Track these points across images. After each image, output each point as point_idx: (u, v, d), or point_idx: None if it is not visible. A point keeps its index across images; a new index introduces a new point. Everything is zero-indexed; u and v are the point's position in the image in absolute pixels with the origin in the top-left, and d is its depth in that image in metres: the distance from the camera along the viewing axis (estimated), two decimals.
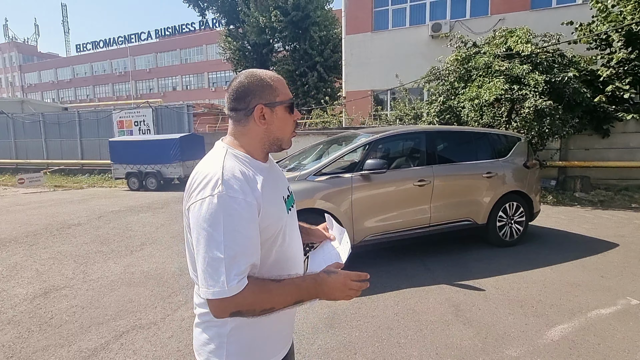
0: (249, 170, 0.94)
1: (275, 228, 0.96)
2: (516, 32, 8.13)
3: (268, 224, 0.93)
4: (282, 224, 0.98)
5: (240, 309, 0.85)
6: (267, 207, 0.92)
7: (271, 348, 1.02)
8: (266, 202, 0.92)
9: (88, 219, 6.50)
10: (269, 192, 0.95)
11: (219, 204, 0.84)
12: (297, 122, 1.05)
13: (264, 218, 0.91)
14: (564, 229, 5.32)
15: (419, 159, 4.25)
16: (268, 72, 1.00)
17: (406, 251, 4.36)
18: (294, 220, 1.10)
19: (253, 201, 0.88)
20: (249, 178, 0.91)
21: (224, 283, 0.82)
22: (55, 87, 49.46)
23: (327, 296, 0.92)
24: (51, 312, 3.05)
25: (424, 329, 2.68)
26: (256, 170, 0.96)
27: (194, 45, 41.21)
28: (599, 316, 2.80)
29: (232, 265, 0.83)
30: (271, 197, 0.96)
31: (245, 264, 0.85)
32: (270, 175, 1.01)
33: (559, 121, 7.05)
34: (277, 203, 0.98)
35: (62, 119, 15.30)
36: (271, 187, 0.98)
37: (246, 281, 0.84)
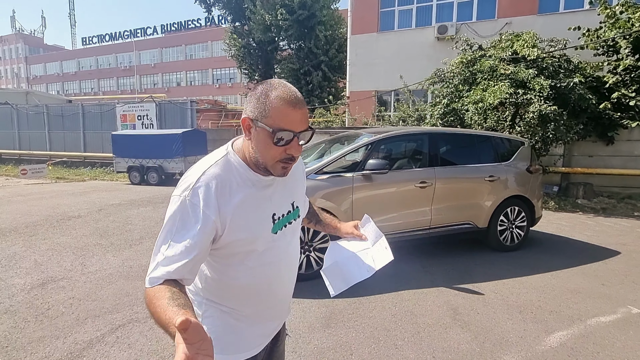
0: (233, 182, 0.91)
1: (246, 246, 0.94)
2: (522, 36, 8.09)
3: (233, 241, 0.92)
4: (258, 244, 0.96)
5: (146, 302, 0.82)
6: (235, 225, 0.90)
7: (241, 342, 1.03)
8: (235, 221, 0.90)
9: (88, 211, 6.50)
10: (244, 212, 0.92)
11: (180, 205, 0.87)
12: (290, 156, 0.91)
13: (229, 235, 0.90)
14: (566, 235, 5.28)
15: (421, 161, 4.23)
16: (285, 90, 0.88)
17: (406, 253, 4.34)
18: (287, 237, 1.05)
19: (211, 216, 0.87)
20: (225, 192, 0.89)
21: (150, 272, 0.85)
22: (60, 79, 49.64)
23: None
24: (48, 303, 3.04)
25: (421, 331, 2.66)
26: (244, 183, 0.93)
27: (199, 41, 41.29)
28: (599, 324, 2.77)
29: (161, 264, 0.84)
30: (246, 217, 0.92)
31: (173, 268, 0.83)
32: (263, 191, 0.97)
33: (563, 127, 7.01)
34: (255, 223, 0.94)
35: (65, 111, 15.34)
36: (254, 205, 0.94)
37: (157, 281, 0.82)
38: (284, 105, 0.87)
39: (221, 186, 0.89)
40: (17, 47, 52.58)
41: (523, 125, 7.15)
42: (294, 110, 0.87)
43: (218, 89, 39.73)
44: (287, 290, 1.12)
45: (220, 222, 0.88)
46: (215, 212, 0.86)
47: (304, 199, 1.18)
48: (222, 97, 35.03)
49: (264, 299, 1.04)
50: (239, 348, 1.02)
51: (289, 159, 0.91)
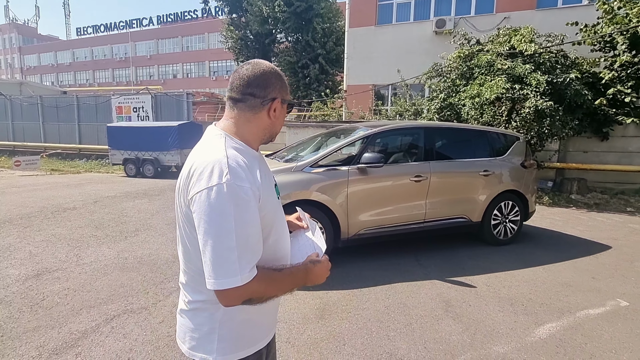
0: (247, 159, 0.93)
1: (271, 217, 0.97)
2: (520, 31, 8.08)
3: (265, 213, 0.93)
4: (275, 213, 1.00)
5: (251, 296, 0.87)
6: (265, 197, 0.93)
7: (259, 332, 1.04)
8: (264, 192, 0.93)
9: (83, 203, 6.48)
10: (265, 182, 0.95)
11: (228, 192, 0.83)
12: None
13: (262, 207, 0.91)
14: (558, 230, 5.34)
15: (417, 155, 4.24)
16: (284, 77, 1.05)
17: (400, 246, 4.38)
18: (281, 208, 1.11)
19: (257, 191, 0.89)
20: (250, 167, 0.91)
21: (236, 272, 0.82)
22: (54, 70, 48.99)
23: (312, 282, 1.01)
24: (43, 294, 3.05)
25: (413, 323, 2.70)
26: (252, 159, 0.96)
27: (195, 33, 40.82)
28: (588, 316, 2.82)
29: (244, 255, 0.83)
30: (267, 187, 0.96)
31: (255, 252, 0.87)
32: (263, 165, 1.02)
33: (558, 122, 7.04)
34: (271, 192, 1.00)
35: (60, 103, 15.17)
36: (266, 177, 0.99)
37: (256, 270, 0.86)
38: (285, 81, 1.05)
39: (244, 163, 0.90)
40: (10, 37, 51.71)
41: (519, 121, 7.17)
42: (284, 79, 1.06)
43: (215, 81, 39.38)
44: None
45: (259, 194, 0.90)
46: (255, 187, 0.89)
47: None
48: (218, 89, 34.73)
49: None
50: (257, 339, 1.03)
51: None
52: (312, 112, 14.03)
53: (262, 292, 0.89)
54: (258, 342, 1.03)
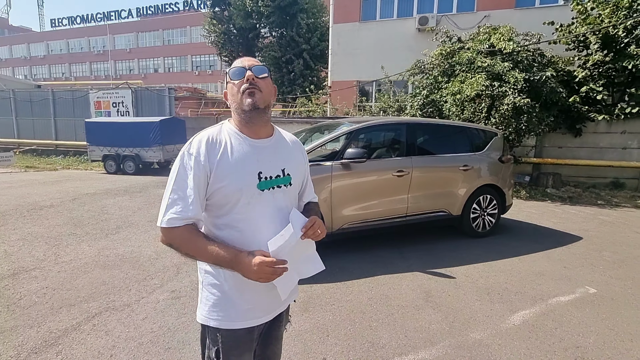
0: (224, 140, 1.10)
1: (232, 195, 1.08)
2: (499, 30, 8.28)
3: (220, 187, 1.07)
4: (243, 194, 1.09)
5: (170, 242, 1.07)
6: (221, 172, 1.06)
7: (236, 312, 1.12)
8: (221, 168, 1.06)
9: (61, 200, 6.30)
10: (230, 162, 1.08)
11: (180, 158, 1.08)
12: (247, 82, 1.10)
13: (216, 180, 1.06)
14: (534, 222, 5.55)
15: (399, 150, 4.33)
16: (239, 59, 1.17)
17: (383, 240, 4.47)
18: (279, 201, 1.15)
19: (203, 162, 1.05)
20: (214, 145, 1.08)
21: (161, 215, 1.05)
22: (27, 63, 46.97)
23: (243, 273, 1.05)
24: (20, 293, 2.98)
25: (395, 313, 2.78)
26: (233, 142, 1.10)
27: (177, 26, 39.87)
28: (559, 303, 2.97)
29: (171, 205, 1.05)
30: (232, 167, 1.08)
31: (183, 206, 1.04)
32: (251, 150, 1.11)
33: (535, 119, 7.28)
34: (240, 173, 1.08)
35: (34, 97, 14.60)
36: (240, 158, 1.09)
37: (176, 223, 1.04)
38: (234, 63, 1.16)
39: (212, 140, 1.08)
40: None
41: (498, 117, 7.37)
42: (241, 59, 1.16)
43: (198, 76, 38.66)
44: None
45: (209, 167, 1.06)
46: (204, 157, 1.05)
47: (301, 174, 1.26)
48: (201, 84, 34.13)
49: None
50: (234, 317, 1.13)
51: (250, 85, 1.09)
52: (297, 108, 13.99)
53: (179, 245, 1.06)
54: (234, 320, 1.12)
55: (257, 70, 1.11)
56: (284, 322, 1.30)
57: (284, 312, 1.28)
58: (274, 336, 1.28)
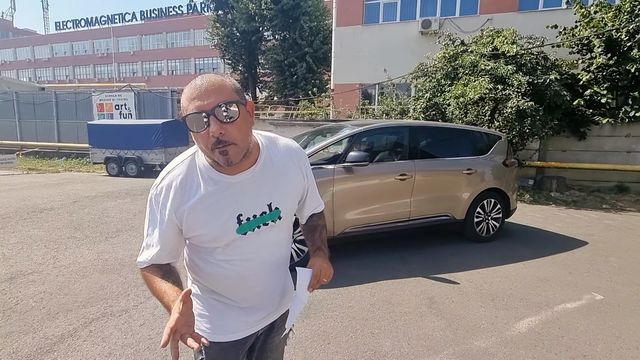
0: (194, 182, 0.95)
1: (209, 242, 1.00)
2: (503, 33, 8.25)
3: (195, 236, 0.99)
4: (221, 241, 0.98)
5: (144, 281, 1.02)
6: (193, 222, 0.96)
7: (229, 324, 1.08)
8: (192, 218, 0.95)
9: (62, 203, 6.28)
10: (204, 209, 0.95)
11: (149, 201, 1.00)
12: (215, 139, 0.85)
13: (189, 230, 0.98)
14: (538, 227, 5.48)
15: (402, 153, 4.28)
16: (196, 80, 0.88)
17: (386, 244, 4.41)
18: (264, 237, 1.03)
19: (166, 215, 0.96)
20: (185, 191, 0.95)
21: (138, 256, 1.03)
22: (32, 65, 47.30)
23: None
24: (17, 298, 2.94)
25: (397, 320, 2.72)
26: (206, 182, 0.95)
27: (180, 29, 40.08)
28: (565, 310, 2.91)
29: (145, 248, 1.01)
30: (205, 214, 0.95)
31: (152, 254, 0.99)
32: (227, 191, 0.95)
33: (539, 122, 7.22)
34: (214, 222, 0.95)
35: (37, 99, 14.67)
36: (213, 204, 0.95)
37: (142, 265, 1.01)
38: (187, 91, 0.87)
39: (180, 187, 0.95)
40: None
41: (501, 120, 7.32)
42: (198, 90, 0.84)
43: None
44: (268, 286, 1.11)
45: (177, 219, 0.96)
46: (170, 211, 0.95)
47: (293, 200, 1.10)
48: None
49: (239, 290, 1.07)
50: (223, 329, 1.07)
51: (218, 142, 0.85)
52: (299, 111, 13.98)
53: (147, 285, 1.00)
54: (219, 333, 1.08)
55: (221, 114, 0.83)
56: (279, 332, 1.22)
57: (277, 321, 1.19)
58: (269, 347, 1.22)
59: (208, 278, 1.06)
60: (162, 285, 0.94)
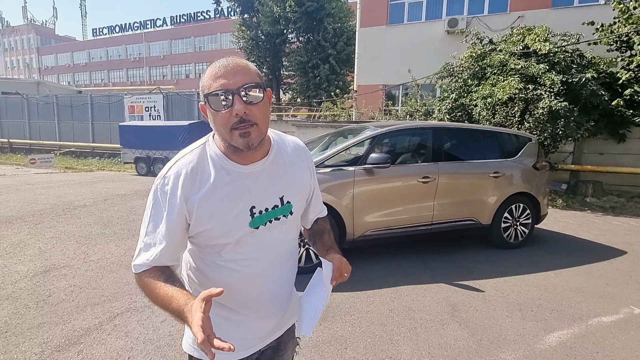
0: (206, 171, 0.90)
1: (219, 238, 0.91)
2: (534, 31, 7.89)
3: (204, 230, 0.90)
4: (232, 236, 0.91)
5: (140, 288, 0.91)
6: (204, 214, 0.88)
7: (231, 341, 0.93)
8: (203, 209, 0.88)
9: (94, 201, 6.58)
10: (215, 200, 0.89)
11: (153, 194, 0.90)
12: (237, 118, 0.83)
13: (198, 224, 0.90)
14: (572, 234, 5.19)
15: (425, 155, 4.17)
16: (218, 63, 0.86)
17: (407, 248, 4.31)
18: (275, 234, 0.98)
19: (177, 205, 0.87)
20: (195, 180, 0.88)
21: (133, 260, 0.92)
22: (71, 70, 50.13)
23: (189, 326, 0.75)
24: (49, 290, 3.09)
25: (418, 327, 2.64)
26: (218, 172, 0.90)
27: (208, 33, 41.26)
28: (600, 324, 2.72)
29: (143, 250, 0.90)
30: (217, 205, 0.89)
31: (152, 255, 0.88)
32: (240, 181, 0.91)
33: (573, 123, 6.85)
34: (227, 214, 0.90)
35: (74, 102, 15.49)
36: (226, 195, 0.90)
37: (139, 269, 0.89)
38: (213, 69, 0.85)
39: (191, 174, 0.88)
40: (28, 37, 53.15)
41: (532, 122, 7.00)
42: (225, 69, 0.83)
43: None
44: (277, 291, 1.03)
45: (187, 210, 0.88)
46: (181, 200, 0.87)
47: (303, 196, 1.07)
48: None
49: (248, 297, 0.98)
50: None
51: (241, 122, 0.83)
52: (322, 112, 14.00)
53: (144, 291, 0.89)
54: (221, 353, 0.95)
55: (247, 94, 0.82)
56: (288, 348, 1.16)
57: (285, 335, 1.13)
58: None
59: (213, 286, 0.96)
60: (167, 289, 0.83)
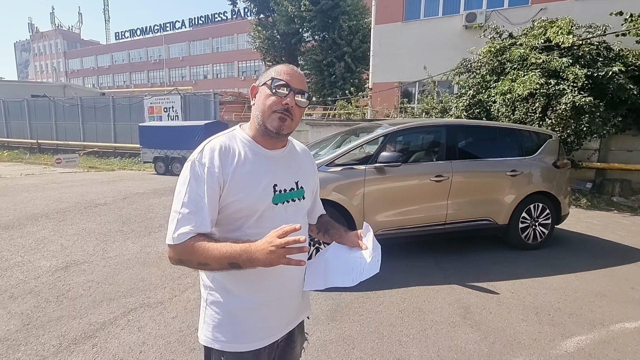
0: (237, 150, 1.02)
1: (245, 209, 1.00)
2: (557, 23, 7.59)
3: (234, 201, 0.99)
4: (257, 208, 1.01)
5: (180, 257, 0.95)
6: (235, 185, 0.98)
7: (244, 334, 1.03)
8: (235, 180, 0.98)
9: (114, 199, 6.79)
10: (245, 174, 1.00)
11: (191, 167, 0.98)
12: (285, 105, 0.99)
13: (229, 194, 0.98)
14: (596, 235, 4.97)
15: (438, 154, 4.08)
16: (288, 66, 1.04)
17: (420, 248, 4.23)
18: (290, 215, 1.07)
19: (216, 172, 0.96)
20: (228, 154, 1.00)
21: (172, 231, 0.95)
22: (95, 73, 51.96)
23: (260, 260, 0.88)
24: (69, 285, 3.21)
25: (428, 328, 2.59)
26: (247, 152, 1.02)
27: (225, 34, 41.85)
28: (623, 330, 2.59)
29: (183, 220, 0.94)
30: (246, 179, 1.00)
31: (195, 220, 0.94)
32: (266, 162, 1.04)
33: (599, 119, 6.55)
34: (255, 186, 1.00)
35: (97, 104, 16.05)
36: (254, 170, 1.01)
37: (187, 237, 0.93)
38: (282, 68, 1.03)
39: (224, 149, 1.00)
40: (56, 42, 55.43)
41: (554, 118, 6.74)
42: (292, 71, 1.02)
43: (243, 81, 40.17)
44: (294, 276, 1.09)
45: (223, 178, 0.97)
46: (218, 168, 0.97)
47: (312, 186, 1.20)
48: (247, 89, 35.29)
49: (267, 278, 1.03)
50: (241, 339, 1.03)
51: (286, 110, 0.99)
52: (336, 111, 13.95)
53: (190, 256, 0.94)
54: (240, 342, 1.03)
55: (299, 97, 1.02)
56: (298, 342, 1.21)
57: (296, 330, 1.18)
58: (289, 358, 1.19)
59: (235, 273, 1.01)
60: (223, 243, 0.93)
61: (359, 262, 1.09)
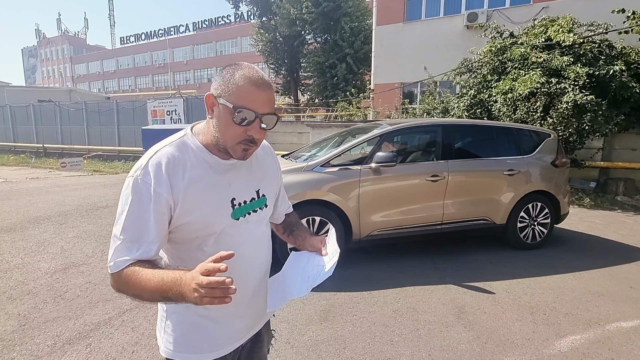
0: (187, 162, 0.90)
1: (201, 230, 0.92)
2: (558, 21, 7.53)
3: (187, 222, 0.90)
4: (214, 227, 0.93)
5: (118, 287, 0.85)
6: (188, 205, 0.88)
7: (208, 342, 0.99)
8: (188, 200, 0.88)
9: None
10: (198, 191, 0.89)
11: (133, 186, 0.86)
12: (251, 137, 0.88)
13: (181, 215, 0.88)
14: (597, 234, 4.91)
15: (434, 153, 4.07)
16: (252, 71, 0.87)
17: (416, 249, 4.22)
18: (252, 226, 1.01)
19: (164, 194, 0.85)
20: (177, 170, 0.88)
21: (110, 259, 0.85)
22: (101, 77, 52.59)
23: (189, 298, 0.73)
24: (67, 287, 3.24)
25: (420, 328, 2.58)
26: (200, 164, 0.91)
27: (228, 37, 42.16)
28: (619, 329, 2.55)
29: (121, 248, 0.84)
30: (200, 197, 0.90)
31: (136, 249, 0.84)
32: (221, 175, 0.94)
33: (601, 118, 6.48)
34: (211, 205, 0.91)
35: (102, 108, 16.21)
36: (209, 186, 0.91)
37: (122, 265, 0.83)
38: (248, 84, 0.85)
39: (173, 165, 0.88)
40: (62, 47, 56.23)
41: (556, 117, 6.69)
42: (258, 90, 0.85)
43: None
44: (256, 283, 1.04)
45: (173, 200, 0.86)
46: (167, 189, 0.85)
47: (275, 190, 1.13)
48: None
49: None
50: (205, 348, 0.98)
51: (250, 141, 0.88)
52: (338, 112, 13.96)
53: (126, 286, 0.83)
54: (204, 352, 0.98)
55: (269, 122, 0.88)
56: (265, 341, 1.18)
57: (262, 330, 1.15)
58: (257, 357, 1.16)
59: None
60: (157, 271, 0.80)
61: (317, 270, 1.04)
